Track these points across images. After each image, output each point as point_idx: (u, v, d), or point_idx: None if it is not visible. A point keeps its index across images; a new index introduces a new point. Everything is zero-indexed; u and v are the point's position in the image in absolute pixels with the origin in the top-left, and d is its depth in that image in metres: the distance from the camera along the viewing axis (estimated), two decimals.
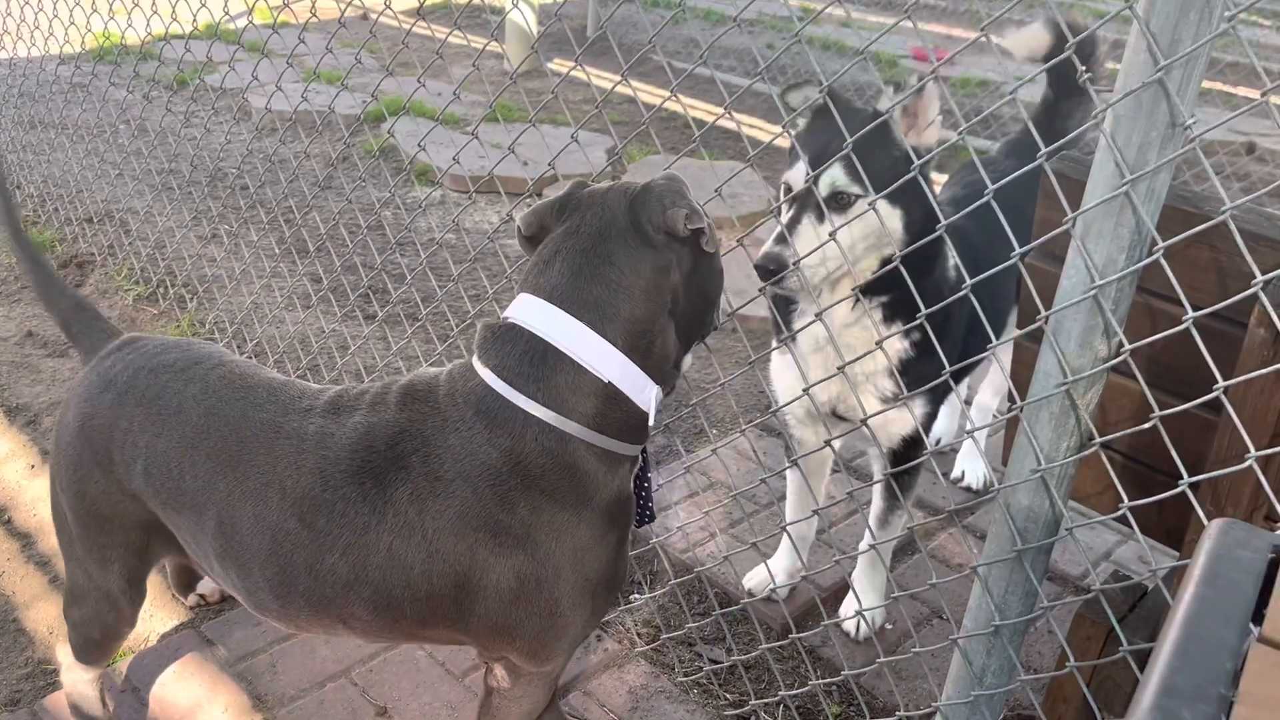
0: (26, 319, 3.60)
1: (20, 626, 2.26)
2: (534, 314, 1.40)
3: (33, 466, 2.79)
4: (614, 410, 1.39)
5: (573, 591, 1.44)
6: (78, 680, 1.85)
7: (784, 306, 2.07)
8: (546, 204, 1.49)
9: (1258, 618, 0.76)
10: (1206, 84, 6.45)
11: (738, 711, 2.10)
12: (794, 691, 2.05)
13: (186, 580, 2.29)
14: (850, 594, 2.36)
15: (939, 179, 2.92)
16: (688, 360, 1.50)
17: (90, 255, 4.02)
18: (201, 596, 2.31)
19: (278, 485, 1.45)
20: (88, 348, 1.76)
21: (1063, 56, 1.28)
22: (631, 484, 1.51)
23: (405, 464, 1.40)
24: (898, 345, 1.98)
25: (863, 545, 2.33)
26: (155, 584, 2.37)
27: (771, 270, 1.81)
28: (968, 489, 2.92)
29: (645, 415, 1.42)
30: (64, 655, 1.86)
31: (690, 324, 1.47)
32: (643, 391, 1.40)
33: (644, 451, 1.55)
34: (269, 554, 1.46)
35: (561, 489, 1.39)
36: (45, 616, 2.28)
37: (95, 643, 1.80)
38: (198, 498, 1.51)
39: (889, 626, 2.39)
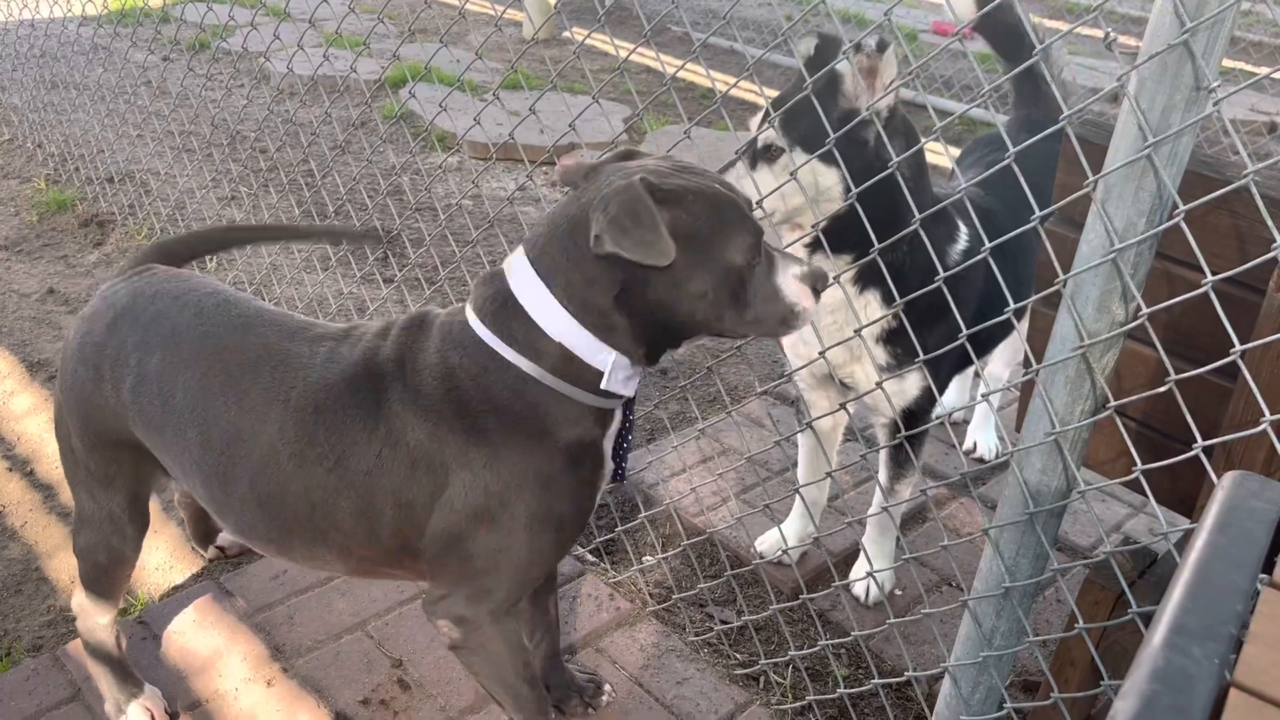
0: (48, 276, 3.63)
1: (43, 575, 2.30)
2: (514, 265, 1.49)
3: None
4: (568, 365, 1.46)
5: (531, 513, 1.50)
6: (94, 627, 1.87)
7: None
8: (584, 163, 1.55)
9: (1269, 567, 0.77)
10: (1228, 63, 6.39)
11: (747, 671, 2.13)
12: (803, 652, 2.07)
13: (204, 532, 2.32)
14: (860, 558, 2.38)
15: (939, 151, 2.91)
16: (678, 350, 1.52)
17: (111, 214, 4.04)
18: (220, 549, 2.34)
19: (282, 399, 1.53)
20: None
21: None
22: (603, 437, 1.55)
23: (398, 378, 1.51)
24: (877, 314, 1.98)
25: (872, 509, 2.35)
26: (174, 537, 2.41)
27: None
28: (980, 460, 2.93)
29: (599, 374, 1.46)
30: (78, 600, 1.88)
31: (659, 327, 1.47)
32: (594, 353, 1.45)
33: (627, 412, 1.60)
34: (262, 466, 1.54)
35: (524, 419, 1.47)
36: (67, 566, 2.32)
37: (102, 569, 1.83)
38: (184, 417, 1.58)
39: (899, 592, 2.41)
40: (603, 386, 1.47)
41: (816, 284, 1.50)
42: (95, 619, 1.87)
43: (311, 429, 1.52)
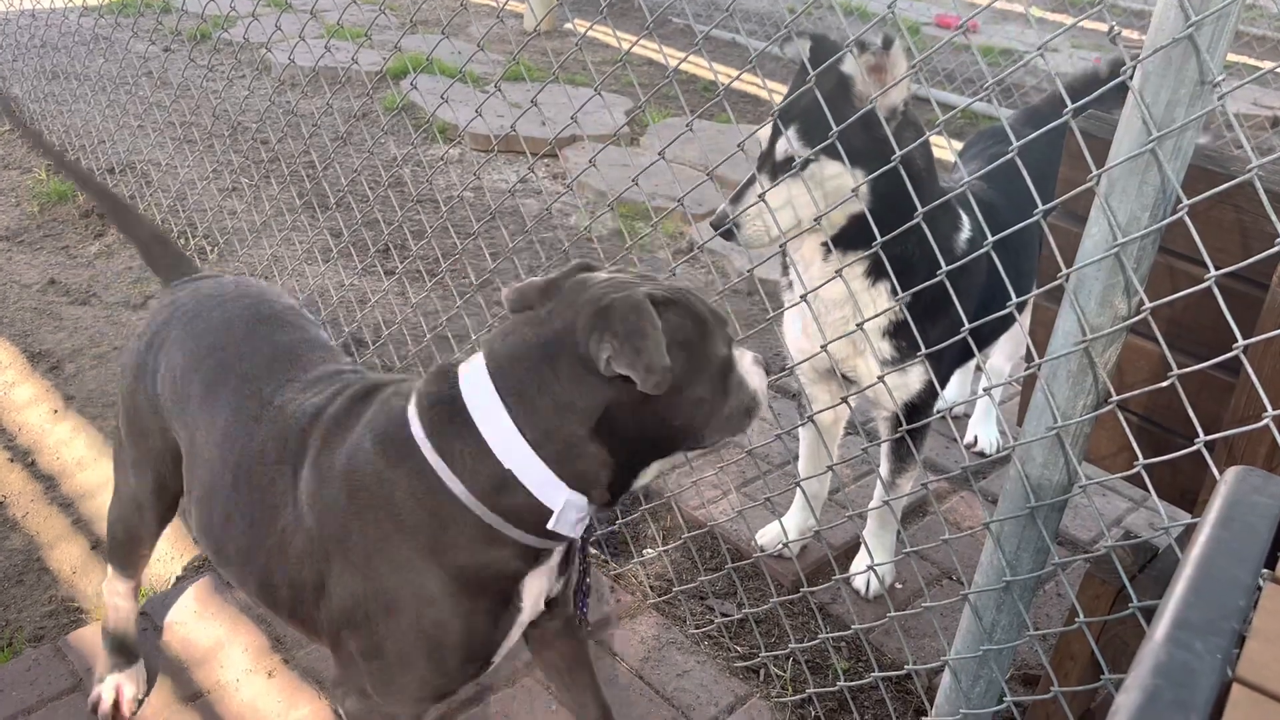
0: (49, 267, 3.63)
1: (44, 566, 2.30)
2: (471, 374, 1.36)
3: (55, 411, 2.83)
4: (509, 496, 1.32)
5: (402, 638, 1.38)
6: (112, 591, 1.94)
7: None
8: (534, 283, 1.42)
9: (1271, 562, 0.77)
10: (1232, 57, 6.37)
11: (747, 664, 2.13)
12: (803, 645, 2.08)
13: None
14: (861, 552, 2.38)
15: (942, 144, 2.91)
16: (640, 482, 1.40)
17: None
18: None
19: (244, 436, 1.52)
20: (165, 274, 1.91)
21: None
22: (525, 574, 1.41)
23: (316, 450, 1.44)
24: (884, 306, 1.98)
25: (873, 503, 2.35)
26: (175, 528, 2.41)
27: (714, 226, 1.96)
28: (980, 454, 2.93)
29: (545, 513, 1.33)
30: (109, 568, 1.95)
31: (637, 452, 1.37)
32: (547, 489, 1.32)
33: (584, 554, 1.53)
34: (206, 492, 1.55)
35: (414, 531, 1.35)
36: (68, 557, 2.33)
37: (120, 543, 1.91)
38: (191, 417, 1.61)
39: (899, 586, 2.42)
40: (549, 527, 1.33)
41: (766, 365, 1.46)
42: (115, 584, 1.94)
43: (250, 480, 1.49)
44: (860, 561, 2.38)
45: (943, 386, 2.24)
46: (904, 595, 2.39)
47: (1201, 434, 1.25)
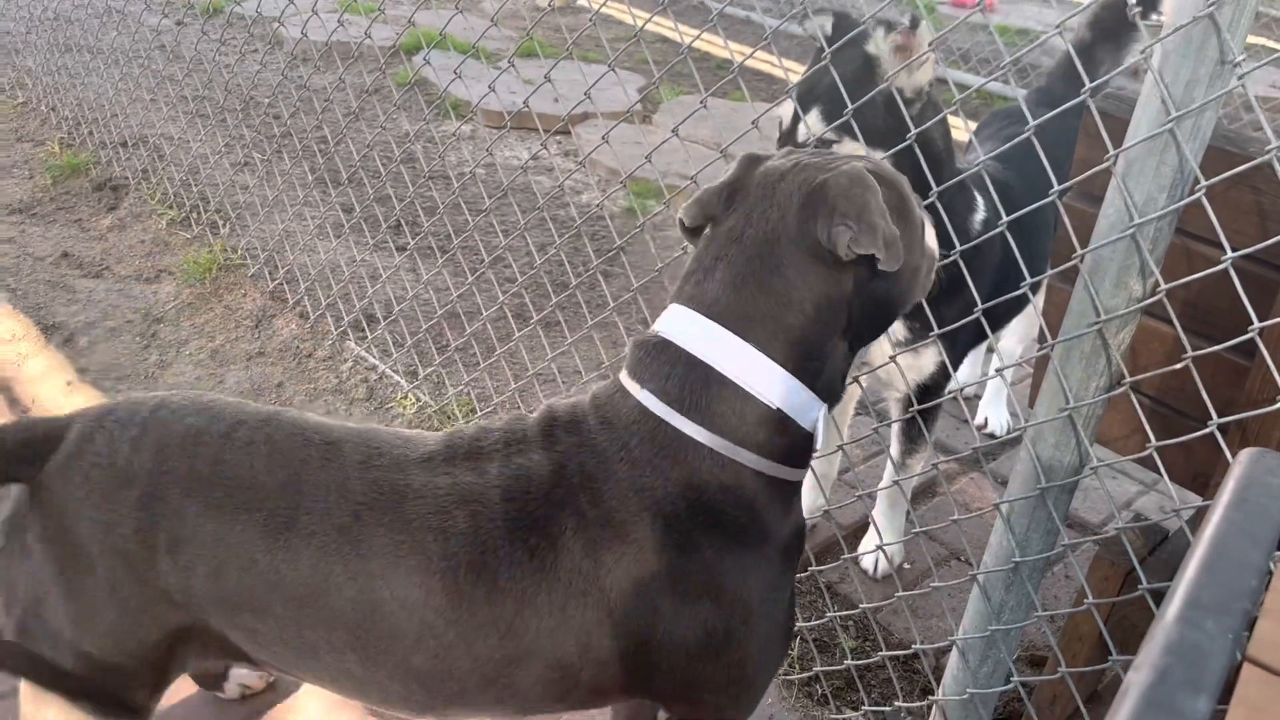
0: (62, 240, 3.64)
1: None
2: (692, 331, 1.21)
3: (69, 384, 2.84)
4: (781, 436, 1.21)
5: (763, 640, 1.27)
6: None
7: None
8: (712, 189, 1.28)
9: None
10: (1251, 39, 6.31)
11: None
12: (811, 624, 2.08)
13: (215, 676, 1.90)
14: (869, 533, 2.38)
15: (956, 125, 2.89)
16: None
17: (124, 179, 4.04)
18: (246, 687, 1.93)
19: (419, 555, 1.20)
20: (29, 458, 1.29)
21: None
22: (803, 512, 1.32)
23: (571, 509, 1.20)
24: None
25: (883, 483, 2.35)
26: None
27: None
28: (991, 436, 2.93)
29: (811, 438, 1.25)
30: None
31: (865, 334, 1.28)
32: (809, 413, 1.23)
33: None
34: (416, 639, 1.22)
35: (743, 527, 1.22)
36: None
37: None
38: (298, 589, 1.23)
39: (907, 566, 2.42)
40: (818, 446, 1.25)
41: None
42: None
43: (467, 592, 1.20)
44: (869, 541, 2.38)
45: (956, 368, 2.24)
46: (912, 575, 2.40)
47: (1215, 416, 1.24)
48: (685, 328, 1.21)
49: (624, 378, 1.26)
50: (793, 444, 1.23)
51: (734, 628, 1.23)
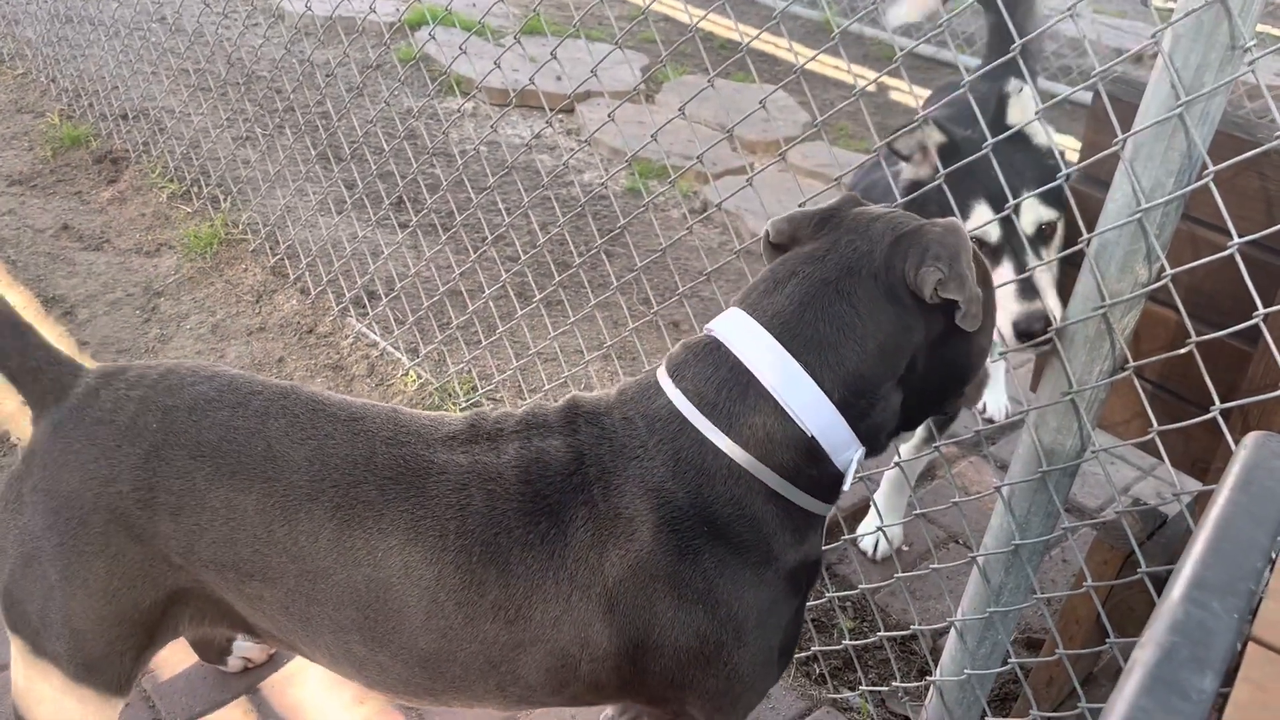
0: (63, 212, 3.63)
1: None
2: (746, 338, 1.19)
3: None
4: (809, 465, 1.20)
5: (754, 657, 1.27)
6: None
7: None
8: (807, 213, 1.27)
9: None
10: (1260, 27, 6.27)
11: None
12: (810, 604, 2.09)
13: (219, 648, 1.92)
14: (869, 514, 2.39)
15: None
16: (913, 435, 1.30)
17: (125, 152, 4.03)
18: (248, 660, 1.94)
19: (436, 533, 1.21)
20: (39, 393, 1.34)
21: None
22: (821, 547, 1.31)
23: (585, 498, 1.20)
24: None
25: (887, 466, 2.36)
26: None
27: (1038, 331, 1.59)
28: (990, 420, 2.93)
29: (840, 477, 1.23)
30: None
31: (924, 399, 1.26)
32: (844, 452, 1.20)
33: None
34: (426, 618, 1.23)
35: (747, 544, 1.20)
36: None
37: None
38: (317, 561, 1.23)
39: (906, 548, 2.43)
40: (845, 487, 1.23)
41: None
42: None
43: (479, 572, 1.20)
44: (868, 523, 2.39)
45: None
46: (911, 557, 2.41)
47: (1218, 402, 1.25)
48: (739, 332, 1.20)
49: (660, 374, 1.26)
50: (820, 477, 1.21)
51: (725, 640, 1.23)
